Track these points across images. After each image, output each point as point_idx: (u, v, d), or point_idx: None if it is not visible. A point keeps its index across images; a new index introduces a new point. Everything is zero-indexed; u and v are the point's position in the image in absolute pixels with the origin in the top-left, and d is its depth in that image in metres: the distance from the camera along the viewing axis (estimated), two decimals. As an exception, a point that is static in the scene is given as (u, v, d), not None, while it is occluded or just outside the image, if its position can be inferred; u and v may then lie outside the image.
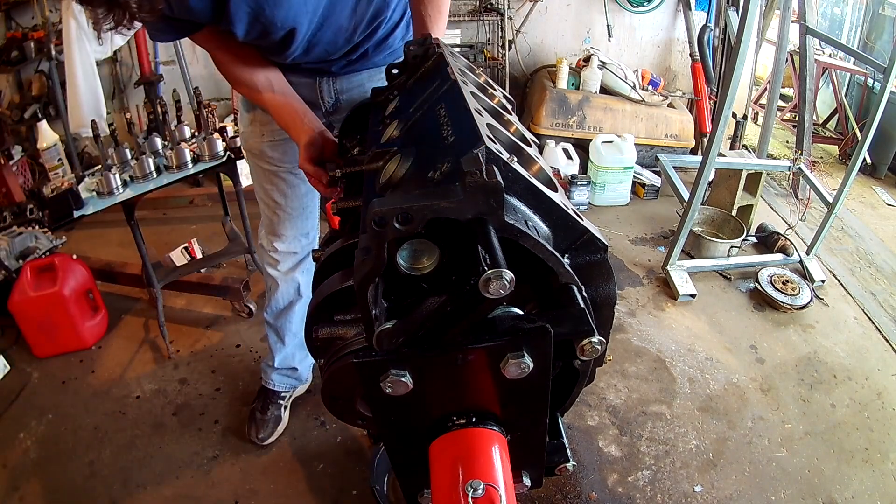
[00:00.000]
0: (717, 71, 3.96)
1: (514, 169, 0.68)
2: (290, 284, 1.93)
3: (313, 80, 1.50)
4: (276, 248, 1.85)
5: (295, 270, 1.91)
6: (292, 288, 1.94)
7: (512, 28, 4.02)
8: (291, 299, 1.96)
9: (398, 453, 0.78)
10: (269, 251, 1.87)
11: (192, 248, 2.91)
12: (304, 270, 1.93)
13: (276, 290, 1.94)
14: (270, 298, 1.97)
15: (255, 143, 1.66)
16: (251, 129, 1.66)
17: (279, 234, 1.83)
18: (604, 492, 1.94)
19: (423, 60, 1.13)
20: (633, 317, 2.73)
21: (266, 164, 1.69)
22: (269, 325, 2.04)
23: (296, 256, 1.89)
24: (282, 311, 1.98)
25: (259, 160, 1.70)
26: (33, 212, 2.39)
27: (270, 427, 2.09)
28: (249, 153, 1.72)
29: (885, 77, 2.55)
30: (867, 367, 2.48)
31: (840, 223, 3.53)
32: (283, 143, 1.62)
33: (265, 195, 1.77)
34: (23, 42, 3.44)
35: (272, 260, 1.89)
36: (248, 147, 1.71)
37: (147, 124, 3.68)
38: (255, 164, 1.73)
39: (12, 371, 2.43)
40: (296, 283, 1.93)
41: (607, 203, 3.68)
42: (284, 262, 1.89)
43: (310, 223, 1.86)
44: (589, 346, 0.65)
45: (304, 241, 1.88)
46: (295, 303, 1.97)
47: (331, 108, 1.56)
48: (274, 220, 1.80)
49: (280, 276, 1.91)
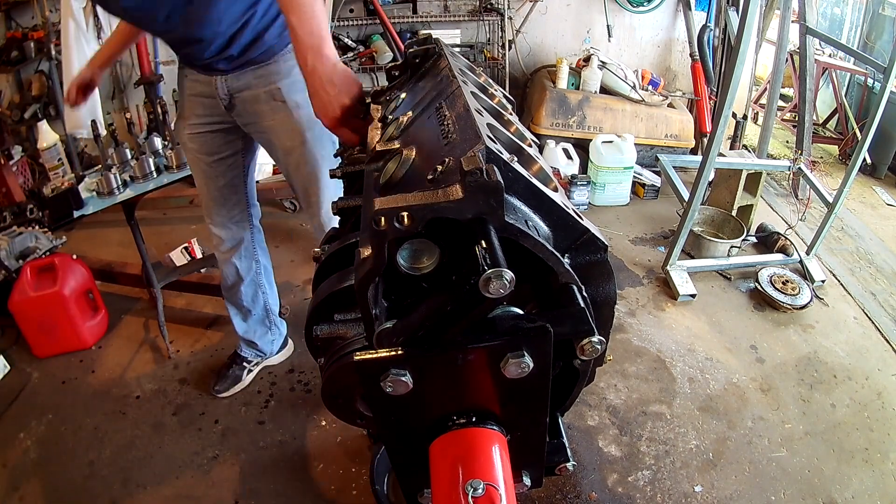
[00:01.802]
0: (717, 71, 3.96)
1: (514, 169, 0.68)
2: (230, 266, 2.09)
3: (210, 77, 1.66)
4: (210, 230, 2.03)
5: (230, 254, 2.06)
6: (232, 270, 2.10)
7: (512, 28, 4.02)
8: (234, 280, 2.13)
9: (398, 453, 0.78)
10: (210, 230, 2.04)
11: (192, 248, 2.92)
12: (240, 256, 2.08)
13: (221, 269, 2.13)
14: (221, 274, 2.16)
15: (182, 135, 1.85)
16: (179, 123, 1.86)
17: (210, 217, 2.00)
18: (604, 492, 1.93)
19: (424, 60, 1.13)
20: (633, 317, 2.73)
21: (190, 154, 1.88)
22: (224, 297, 2.22)
23: (229, 241, 2.04)
24: (229, 288, 2.16)
25: (186, 151, 1.90)
26: (33, 212, 2.39)
27: (228, 383, 2.29)
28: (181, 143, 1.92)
29: (885, 77, 2.55)
30: (867, 367, 2.48)
31: (840, 223, 3.53)
32: (199, 136, 1.81)
33: (197, 181, 1.95)
34: (23, 42, 3.44)
35: (214, 239, 2.05)
36: (178, 137, 1.94)
37: (147, 124, 3.68)
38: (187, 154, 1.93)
39: (12, 371, 2.43)
40: (233, 267, 2.09)
41: (607, 203, 3.68)
42: (220, 245, 2.05)
43: (236, 212, 2.00)
44: (589, 345, 0.65)
45: (235, 229, 2.03)
46: (238, 283, 2.13)
47: (227, 104, 1.70)
48: (205, 206, 1.98)
49: (220, 258, 2.09)
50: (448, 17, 3.92)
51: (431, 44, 1.15)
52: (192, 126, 1.80)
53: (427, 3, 3.97)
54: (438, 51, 1.12)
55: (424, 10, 3.95)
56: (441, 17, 3.91)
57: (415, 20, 3.89)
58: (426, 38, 1.18)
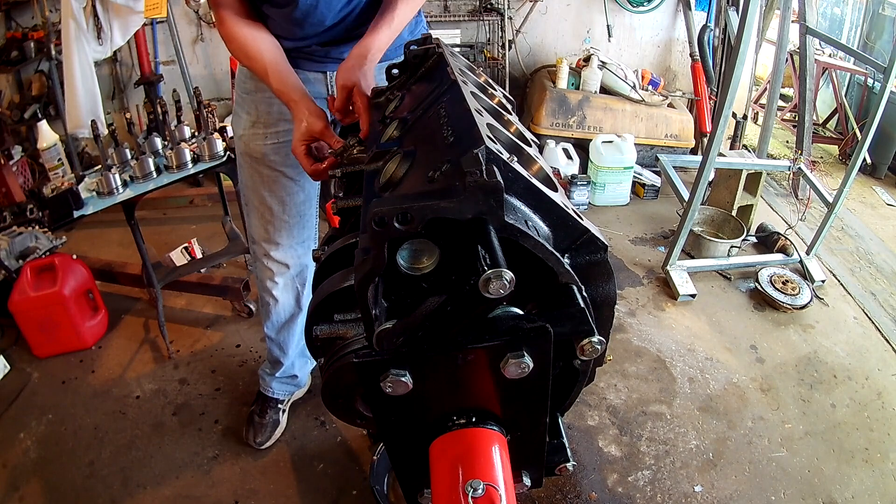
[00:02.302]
0: (717, 71, 3.96)
1: (514, 169, 0.68)
2: (288, 296, 1.85)
3: (324, 74, 1.48)
4: (272, 257, 1.75)
5: (294, 281, 1.83)
6: (290, 300, 1.87)
7: (512, 28, 4.02)
8: (292, 312, 1.89)
9: (398, 453, 0.78)
10: (264, 261, 1.78)
11: (192, 248, 2.91)
12: (303, 281, 1.85)
13: (275, 304, 1.86)
14: (270, 312, 1.88)
15: (258, 147, 1.58)
16: (252, 132, 1.58)
17: (276, 243, 1.73)
18: (604, 492, 1.94)
19: (424, 60, 1.13)
20: (633, 317, 2.73)
21: (267, 169, 1.61)
22: (270, 340, 1.96)
23: (295, 267, 1.80)
24: (283, 325, 1.91)
25: (259, 165, 1.61)
26: (33, 212, 2.39)
27: (268, 431, 2.07)
28: (249, 157, 1.62)
29: (885, 77, 2.55)
30: (867, 367, 2.48)
31: (840, 223, 3.53)
32: (286, 144, 1.55)
33: (260, 203, 1.67)
34: (23, 42, 3.44)
35: (269, 271, 1.79)
36: (248, 150, 1.62)
37: (147, 124, 3.68)
38: (253, 170, 1.64)
39: (12, 371, 2.43)
40: (295, 294, 1.87)
41: (607, 203, 3.68)
42: (281, 274, 1.79)
43: (307, 232, 1.77)
44: (589, 345, 0.65)
45: (301, 251, 1.79)
46: (296, 315, 1.90)
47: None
48: (269, 230, 1.71)
49: (278, 289, 1.82)
50: (448, 17, 3.92)
51: (431, 44, 1.15)
52: (279, 134, 1.54)
53: (427, 2, 3.97)
54: (438, 51, 1.12)
55: (424, 9, 3.93)
56: (441, 17, 3.91)
57: (415, 20, 3.88)
58: (426, 38, 1.18)
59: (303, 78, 1.39)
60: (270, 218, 1.69)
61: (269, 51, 1.33)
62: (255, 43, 1.32)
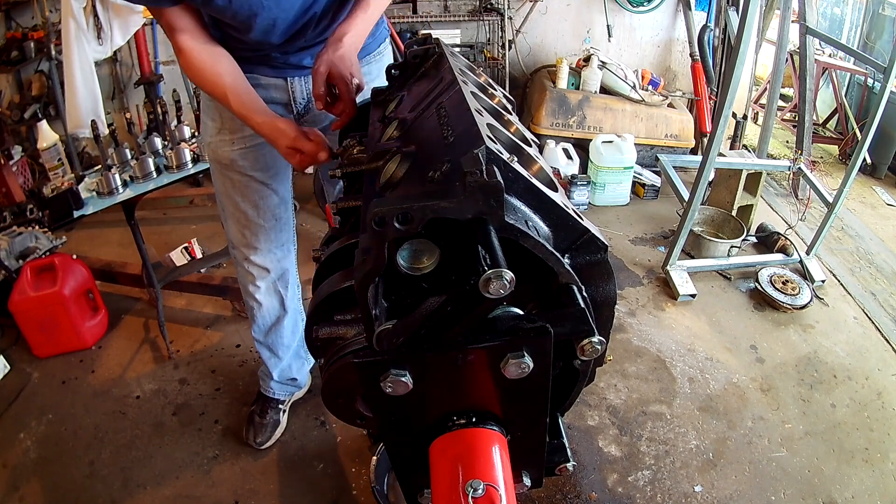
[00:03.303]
0: (717, 71, 3.96)
1: (514, 169, 0.68)
2: (272, 299, 1.85)
3: (284, 81, 1.47)
4: (252, 261, 1.76)
5: (276, 284, 1.83)
6: (275, 304, 1.87)
7: (512, 28, 4.02)
8: (277, 315, 1.90)
9: (398, 453, 0.78)
10: (245, 266, 1.77)
11: (192, 248, 2.92)
12: (286, 284, 1.86)
13: (259, 308, 1.86)
14: (255, 316, 1.88)
15: (225, 153, 1.57)
16: (219, 139, 1.56)
17: (254, 247, 1.73)
18: (604, 492, 1.94)
19: (424, 60, 1.13)
20: (633, 317, 2.73)
21: (237, 175, 1.60)
22: (259, 343, 1.97)
23: (275, 271, 1.80)
24: (270, 328, 1.92)
25: (229, 171, 1.60)
26: (33, 212, 2.39)
27: (269, 431, 2.07)
28: (218, 164, 1.61)
29: (885, 77, 2.55)
30: (867, 367, 2.48)
31: (840, 223, 3.53)
32: (254, 149, 1.55)
33: (234, 209, 1.66)
34: (23, 42, 3.44)
35: (250, 276, 1.79)
36: (216, 157, 1.60)
37: (147, 124, 3.68)
38: (224, 176, 1.63)
39: (12, 371, 2.43)
40: (277, 299, 1.87)
41: (607, 203, 3.68)
42: (262, 277, 1.79)
43: (285, 235, 1.77)
44: (589, 345, 0.65)
45: (280, 254, 1.79)
46: (282, 318, 1.91)
47: (302, 109, 1.52)
48: (246, 234, 1.71)
49: (261, 292, 1.82)
50: (448, 17, 3.92)
51: (431, 44, 1.16)
52: (245, 139, 1.53)
53: (427, 3, 3.98)
54: (438, 51, 1.12)
55: (424, 9, 3.95)
56: (441, 17, 3.91)
57: (415, 20, 3.89)
58: (426, 38, 1.18)
59: (262, 84, 1.42)
60: (246, 223, 1.69)
61: (229, 74, 1.31)
62: (213, 69, 1.31)
